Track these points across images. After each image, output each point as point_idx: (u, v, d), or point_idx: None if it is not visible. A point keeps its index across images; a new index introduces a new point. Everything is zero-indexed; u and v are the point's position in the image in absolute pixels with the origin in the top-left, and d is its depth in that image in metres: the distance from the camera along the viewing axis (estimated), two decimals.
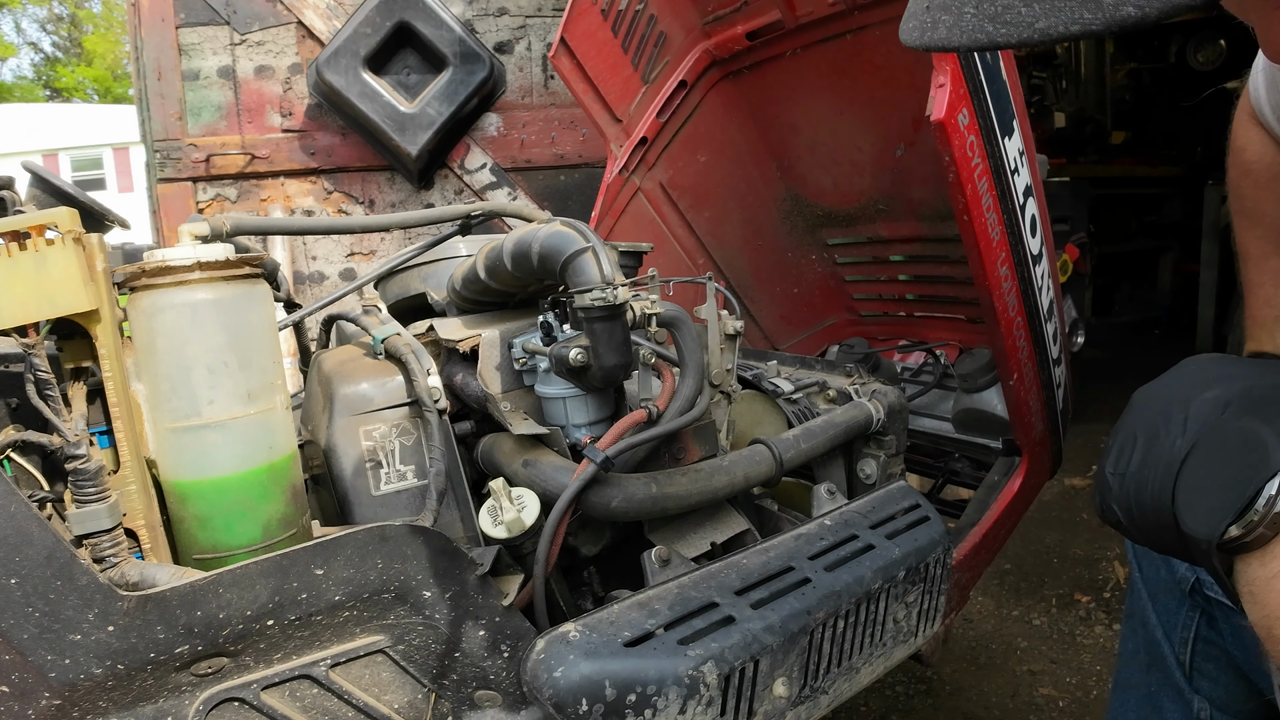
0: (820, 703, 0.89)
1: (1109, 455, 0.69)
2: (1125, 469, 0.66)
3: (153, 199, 3.05)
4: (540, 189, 3.29)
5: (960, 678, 2.11)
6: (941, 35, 0.42)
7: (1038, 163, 1.45)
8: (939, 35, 0.42)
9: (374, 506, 0.96)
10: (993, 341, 1.44)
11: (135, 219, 3.04)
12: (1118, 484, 0.67)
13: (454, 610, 0.74)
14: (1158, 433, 0.64)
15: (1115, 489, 0.67)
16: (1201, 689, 0.89)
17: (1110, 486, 0.68)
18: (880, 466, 1.26)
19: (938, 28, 0.42)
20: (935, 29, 0.42)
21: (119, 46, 24.96)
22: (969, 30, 0.40)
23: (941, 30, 0.42)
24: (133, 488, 0.77)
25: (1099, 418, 3.77)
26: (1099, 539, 2.80)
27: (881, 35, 1.64)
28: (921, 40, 0.44)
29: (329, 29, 2.98)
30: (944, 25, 0.42)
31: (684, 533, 1.01)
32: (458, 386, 1.06)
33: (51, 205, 0.99)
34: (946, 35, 0.42)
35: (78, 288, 0.70)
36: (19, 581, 0.56)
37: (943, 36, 0.42)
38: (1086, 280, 3.99)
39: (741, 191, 2.18)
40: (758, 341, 2.33)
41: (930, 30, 0.43)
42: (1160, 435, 0.64)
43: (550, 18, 3.21)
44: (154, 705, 0.64)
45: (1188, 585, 0.88)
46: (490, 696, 0.78)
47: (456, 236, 1.36)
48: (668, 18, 1.91)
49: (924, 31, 0.43)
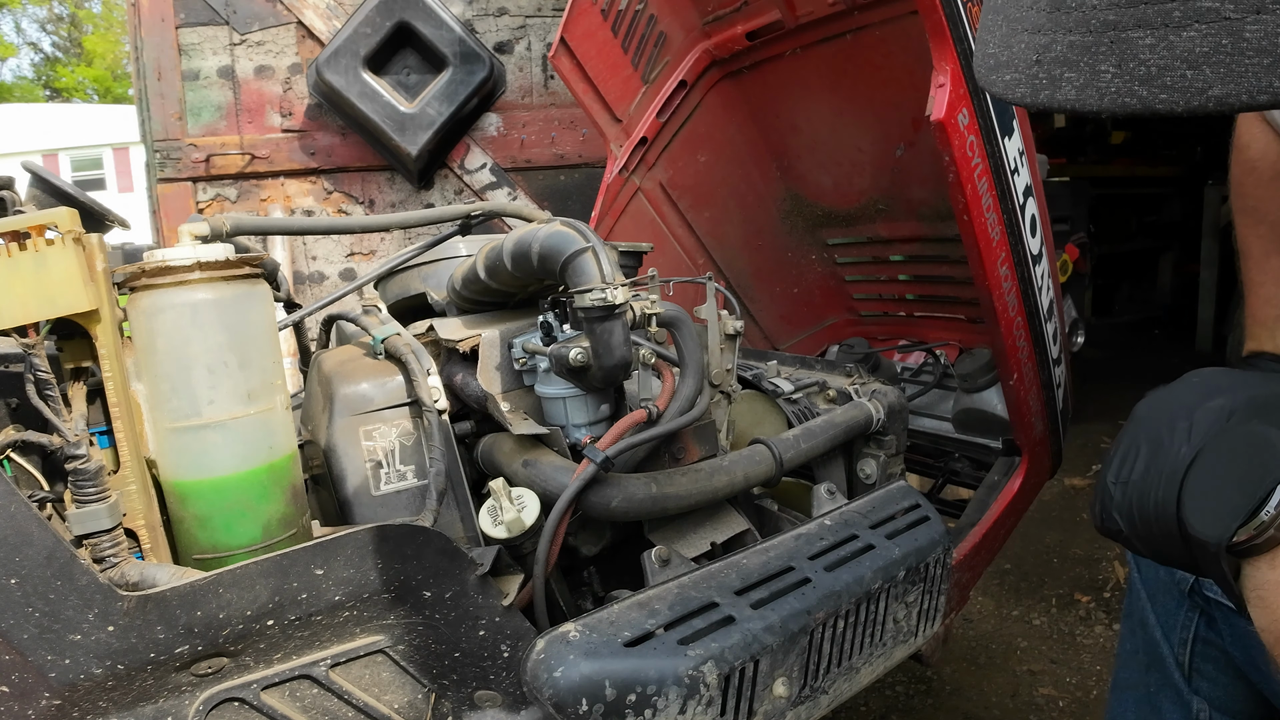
0: (820, 703, 0.89)
1: (1111, 465, 0.68)
2: (1128, 477, 0.65)
3: (153, 199, 3.05)
4: (540, 189, 3.29)
5: (960, 678, 2.11)
6: (1069, 96, 0.37)
7: (1038, 163, 1.45)
8: (1065, 95, 0.37)
9: (374, 506, 0.96)
10: (993, 341, 1.45)
11: (135, 219, 3.04)
12: (1120, 493, 0.66)
13: (454, 610, 0.74)
14: (1162, 441, 0.63)
15: (1118, 498, 0.66)
16: (1200, 689, 0.89)
17: (1112, 495, 0.67)
18: (880, 466, 1.26)
19: (1061, 86, 0.37)
20: (1058, 88, 0.37)
21: (119, 46, 24.98)
22: (1111, 94, 0.35)
23: (1068, 90, 0.37)
24: (133, 488, 0.77)
25: (1099, 418, 3.77)
26: (1099, 539, 2.80)
27: (881, 35, 1.64)
28: (1036, 100, 0.38)
29: (329, 29, 2.98)
30: (1070, 84, 0.36)
31: (684, 533, 1.01)
32: (458, 386, 1.06)
33: (51, 205, 0.99)
34: (1078, 97, 0.36)
35: (78, 288, 0.70)
36: (19, 581, 0.56)
37: (1071, 98, 0.36)
38: (1086, 280, 3.99)
39: (741, 191, 2.18)
40: (758, 341, 2.33)
41: (1050, 89, 0.37)
42: (1164, 443, 0.63)
43: (550, 18, 3.21)
44: (154, 705, 0.64)
45: (1187, 586, 0.88)
46: (490, 696, 0.78)
47: (456, 236, 1.36)
48: (668, 18, 1.91)
49: (1038, 90, 0.38)
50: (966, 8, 1.17)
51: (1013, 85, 0.40)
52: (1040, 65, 0.38)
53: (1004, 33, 0.41)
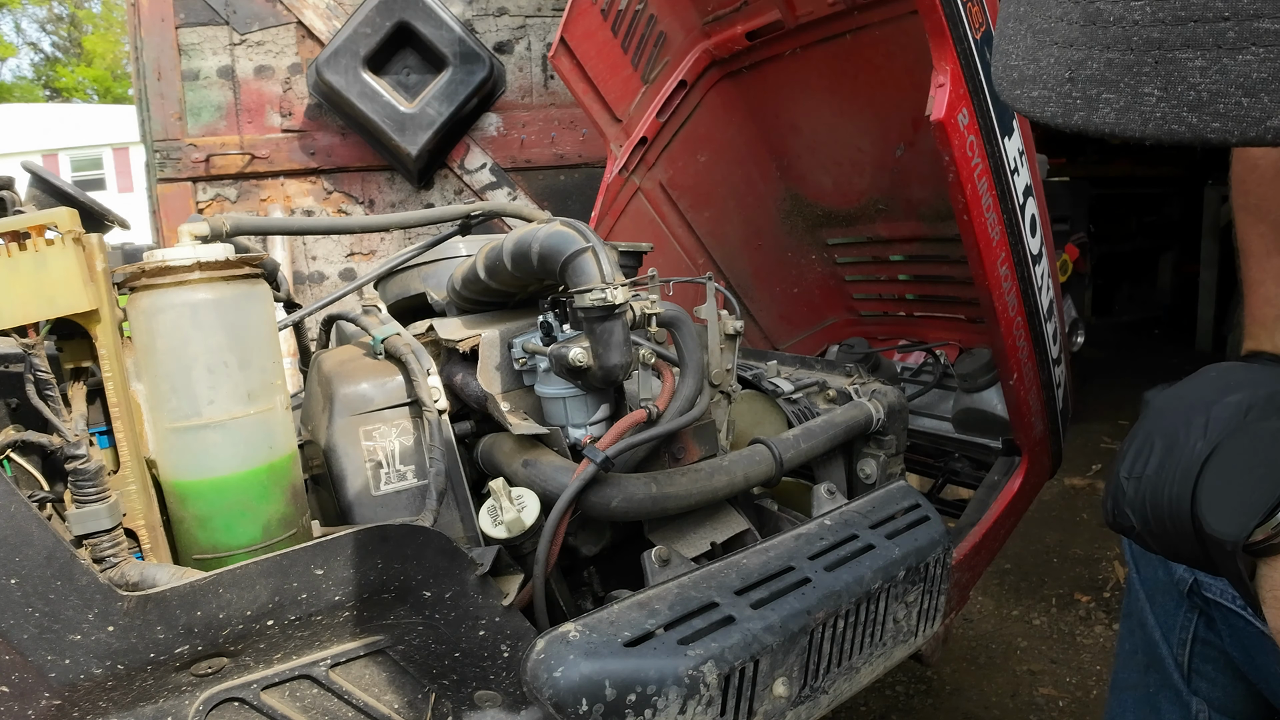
0: (820, 703, 0.89)
1: (1124, 459, 0.66)
2: (1142, 472, 0.63)
3: (152, 199, 3.05)
4: (540, 189, 3.29)
5: (960, 678, 2.11)
6: (1108, 119, 0.34)
7: (1038, 163, 1.45)
8: (1103, 118, 0.34)
9: (374, 506, 0.96)
10: (993, 341, 1.44)
11: (135, 219, 3.05)
12: (1133, 488, 0.64)
13: (454, 610, 0.74)
14: (1178, 437, 0.62)
15: (1130, 493, 0.64)
16: (1200, 690, 0.89)
17: (1125, 491, 0.65)
18: (880, 466, 1.26)
19: (1098, 107, 0.34)
20: (1094, 109, 0.34)
21: (119, 46, 24.97)
22: (1156, 119, 0.32)
23: (1107, 113, 0.34)
24: (133, 488, 0.77)
25: (1099, 418, 3.77)
26: (1099, 539, 2.80)
27: (881, 35, 1.65)
28: (1070, 121, 0.36)
29: (329, 29, 2.98)
30: (1109, 106, 0.34)
31: (684, 533, 1.01)
32: (458, 386, 1.06)
33: (51, 205, 0.99)
34: (1118, 120, 0.34)
35: (78, 288, 0.70)
36: (19, 581, 0.56)
37: (1110, 120, 0.34)
38: (1086, 280, 3.99)
39: (741, 191, 2.18)
40: (758, 341, 2.33)
41: (1085, 110, 0.35)
42: (1180, 439, 0.61)
43: (550, 18, 3.21)
44: (154, 705, 0.64)
45: (1186, 586, 0.88)
46: (490, 696, 0.78)
47: (456, 236, 1.36)
48: (667, 18, 1.91)
49: (1072, 110, 0.35)
50: (966, 8, 1.17)
51: (1041, 103, 0.37)
52: (1074, 84, 0.35)
53: (1029, 44, 0.38)
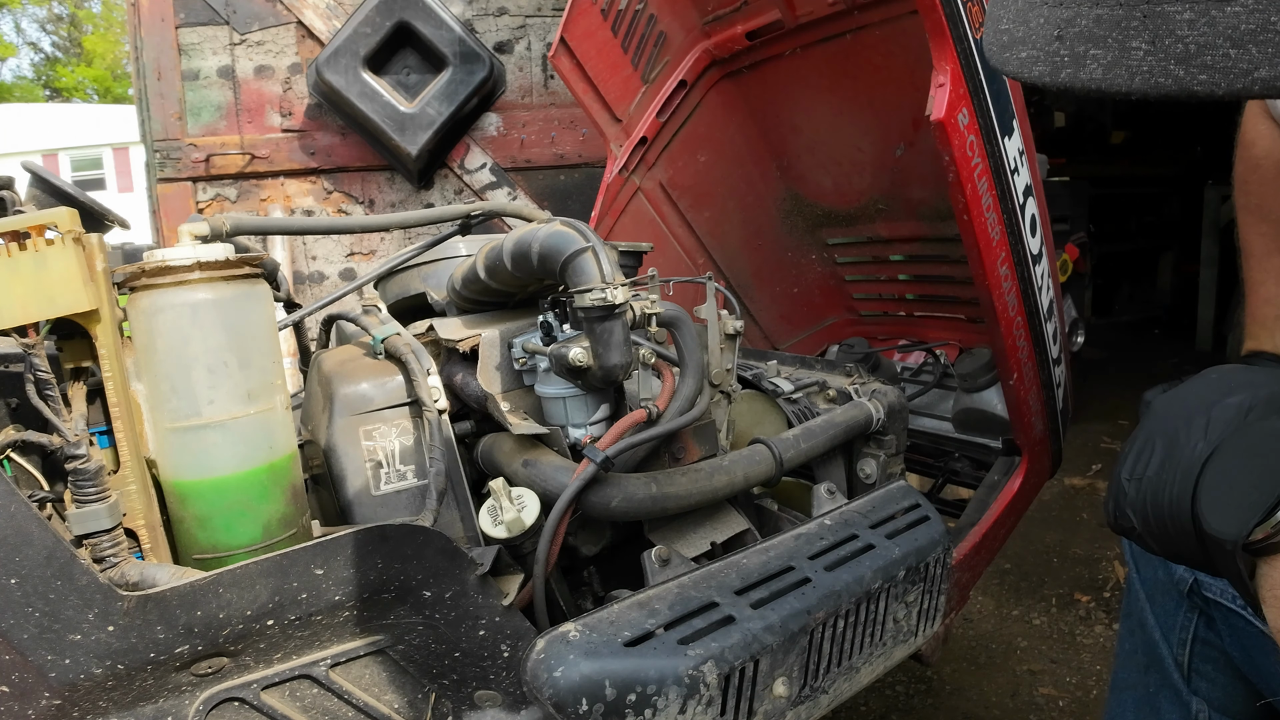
0: (820, 702, 0.89)
1: (1125, 461, 0.66)
2: (1143, 473, 0.64)
3: (153, 199, 3.05)
4: (540, 189, 3.29)
5: (960, 677, 2.11)
6: (1095, 75, 0.34)
7: (1038, 163, 1.45)
8: (1090, 74, 0.34)
9: (374, 506, 0.96)
10: (993, 341, 1.44)
11: (135, 219, 3.04)
12: (1134, 489, 0.64)
13: (454, 610, 0.74)
14: (1178, 437, 0.62)
15: (1131, 494, 0.64)
16: (1199, 690, 0.89)
17: (1126, 492, 0.65)
18: (880, 466, 1.26)
19: (1085, 64, 0.34)
20: (1082, 65, 0.34)
21: (119, 46, 24.97)
22: (1143, 73, 0.32)
23: (1094, 69, 0.34)
24: (133, 488, 0.77)
25: (1099, 418, 3.77)
26: (1099, 539, 2.80)
27: (881, 35, 1.65)
28: (1057, 79, 0.35)
29: (329, 29, 2.98)
30: (1096, 62, 0.33)
31: (684, 532, 1.01)
32: (458, 386, 1.06)
33: (51, 205, 0.99)
34: (1105, 76, 0.33)
35: (78, 288, 0.70)
36: (19, 581, 0.56)
37: (1097, 77, 0.33)
38: (1086, 280, 3.99)
39: (741, 191, 2.18)
40: (758, 341, 2.33)
41: (1072, 67, 0.34)
42: (1181, 439, 0.62)
43: (550, 17, 3.21)
44: (154, 705, 0.64)
45: (1185, 586, 0.88)
46: (490, 696, 0.78)
47: (456, 236, 1.36)
48: (667, 17, 1.91)
49: (1059, 68, 0.35)
50: (966, 8, 1.17)
51: (1029, 63, 0.36)
52: (1062, 41, 0.35)
53: (1019, 7, 0.38)
